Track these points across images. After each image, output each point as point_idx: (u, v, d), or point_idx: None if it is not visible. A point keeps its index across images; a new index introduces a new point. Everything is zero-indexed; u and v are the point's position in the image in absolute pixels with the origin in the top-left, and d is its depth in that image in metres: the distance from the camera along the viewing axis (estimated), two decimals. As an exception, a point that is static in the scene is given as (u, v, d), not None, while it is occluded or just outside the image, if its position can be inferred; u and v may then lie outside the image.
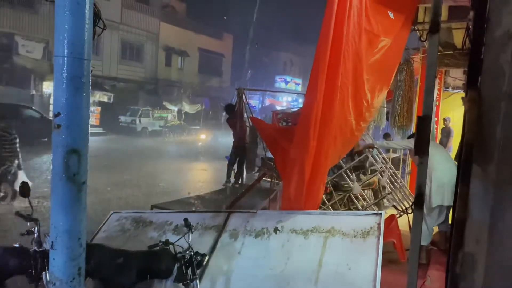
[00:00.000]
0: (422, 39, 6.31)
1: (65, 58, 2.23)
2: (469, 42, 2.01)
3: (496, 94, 1.71)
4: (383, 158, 7.45)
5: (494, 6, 1.80)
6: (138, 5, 29.75)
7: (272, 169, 7.22)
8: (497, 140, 1.68)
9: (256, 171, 9.62)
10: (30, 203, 3.32)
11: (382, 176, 6.91)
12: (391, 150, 9.23)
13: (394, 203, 6.94)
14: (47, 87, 22.34)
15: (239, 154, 9.13)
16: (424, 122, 1.66)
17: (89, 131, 2.39)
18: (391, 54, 5.18)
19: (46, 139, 16.51)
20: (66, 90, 2.24)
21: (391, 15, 4.94)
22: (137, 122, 25.45)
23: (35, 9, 21.81)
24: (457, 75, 9.61)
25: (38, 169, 11.81)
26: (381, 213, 3.87)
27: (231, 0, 34.10)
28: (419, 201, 1.71)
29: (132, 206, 8.32)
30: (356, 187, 6.25)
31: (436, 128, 9.87)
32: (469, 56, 1.86)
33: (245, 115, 8.71)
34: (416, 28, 6.46)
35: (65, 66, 2.24)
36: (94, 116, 23.10)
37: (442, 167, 5.21)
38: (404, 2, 5.25)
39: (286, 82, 41.91)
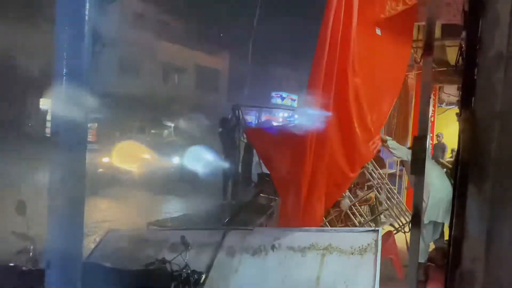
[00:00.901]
0: (417, 60, 6.37)
1: (64, 76, 2.25)
2: (462, 61, 2.05)
3: (490, 114, 1.74)
4: (379, 173, 7.45)
5: (486, 27, 1.84)
6: (135, 21, 29.98)
7: (269, 185, 7.19)
8: (492, 159, 1.71)
9: (252, 186, 9.55)
10: (26, 221, 3.30)
11: (380, 193, 6.88)
12: (387, 166, 9.22)
13: (392, 220, 6.91)
14: (44, 103, 22.33)
15: (232, 170, 9.07)
16: (420, 142, 1.68)
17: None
18: (388, 73, 5.21)
19: (43, 156, 16.45)
20: (65, 108, 2.25)
21: (378, 31, 4.98)
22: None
23: (32, 25, 21.90)
24: (451, 91, 9.71)
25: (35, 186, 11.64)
26: (378, 230, 3.87)
27: (228, 17, 34.45)
28: (416, 220, 1.72)
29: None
30: (345, 204, 6.06)
31: (432, 144, 9.95)
32: (463, 76, 1.90)
33: (241, 131, 8.70)
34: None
35: (64, 84, 2.25)
36: (90, 132, 23.06)
37: (439, 183, 5.22)
38: (397, 22, 5.29)
39: (282, 98, 42.02)
